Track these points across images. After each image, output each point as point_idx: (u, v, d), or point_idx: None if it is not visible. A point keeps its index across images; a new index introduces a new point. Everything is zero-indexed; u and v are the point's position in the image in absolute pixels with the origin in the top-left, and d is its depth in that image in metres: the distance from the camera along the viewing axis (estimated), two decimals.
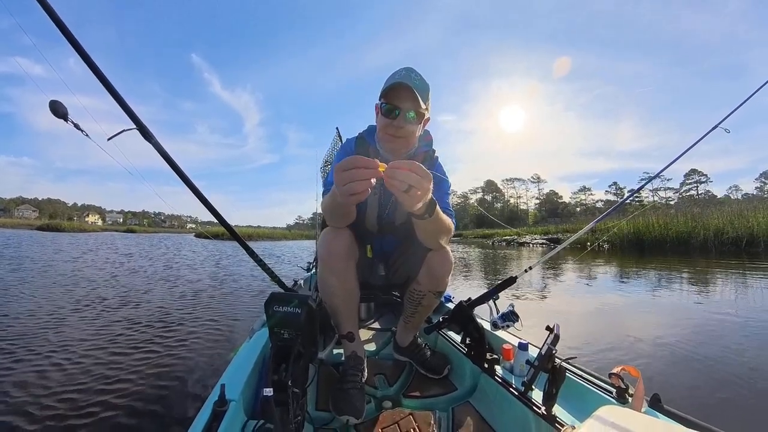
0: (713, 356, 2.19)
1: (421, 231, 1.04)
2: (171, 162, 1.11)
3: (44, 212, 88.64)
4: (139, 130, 1.04)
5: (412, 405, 1.22)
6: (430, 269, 1.20)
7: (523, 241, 19.16)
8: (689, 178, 56.57)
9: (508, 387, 1.11)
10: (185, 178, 1.15)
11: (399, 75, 1.09)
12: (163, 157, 1.10)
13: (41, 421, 1.57)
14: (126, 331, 2.86)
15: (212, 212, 1.23)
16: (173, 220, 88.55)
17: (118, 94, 0.98)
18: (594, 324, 3.09)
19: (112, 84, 0.97)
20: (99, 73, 0.94)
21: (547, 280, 5.71)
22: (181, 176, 1.14)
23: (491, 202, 70.85)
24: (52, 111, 0.90)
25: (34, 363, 2.18)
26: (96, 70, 0.94)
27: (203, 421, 0.80)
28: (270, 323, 0.81)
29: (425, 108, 1.11)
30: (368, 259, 1.36)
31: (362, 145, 1.25)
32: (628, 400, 0.90)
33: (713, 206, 13.14)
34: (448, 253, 1.19)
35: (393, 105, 1.08)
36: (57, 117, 0.90)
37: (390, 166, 0.74)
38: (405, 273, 1.36)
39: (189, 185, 1.16)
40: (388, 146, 1.17)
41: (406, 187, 0.73)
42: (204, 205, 1.22)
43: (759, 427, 1.50)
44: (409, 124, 1.10)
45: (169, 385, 1.93)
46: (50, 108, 0.90)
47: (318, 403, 1.21)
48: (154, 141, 1.07)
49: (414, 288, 1.28)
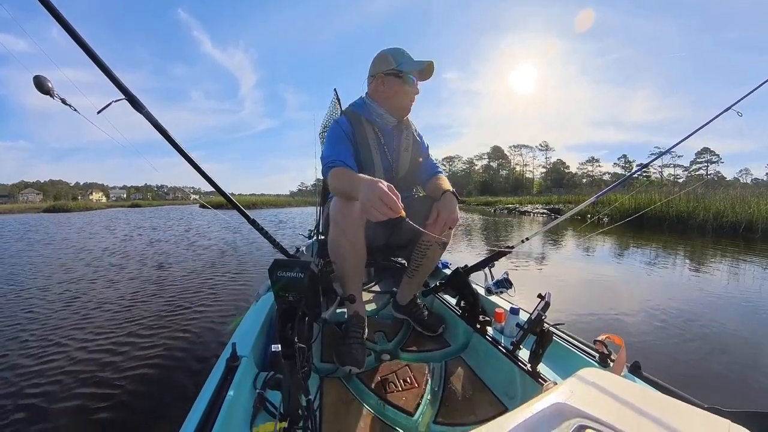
0: (697, 332, 2.30)
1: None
2: (163, 131, 1.10)
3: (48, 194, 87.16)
4: (129, 100, 1.02)
5: (408, 358, 1.31)
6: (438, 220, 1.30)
7: (525, 210, 19.20)
8: (701, 157, 55.27)
9: (498, 345, 1.19)
10: (178, 148, 1.14)
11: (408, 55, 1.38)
12: (155, 126, 1.08)
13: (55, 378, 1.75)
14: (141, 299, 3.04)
15: (209, 181, 1.24)
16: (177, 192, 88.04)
17: (103, 63, 0.96)
18: (586, 293, 3.21)
19: (96, 53, 0.94)
20: (81, 41, 0.91)
21: (544, 249, 5.81)
22: (174, 145, 1.14)
23: (497, 169, 70.02)
24: (36, 86, 0.87)
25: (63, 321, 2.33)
26: (78, 39, 0.91)
27: (218, 374, 0.86)
28: (275, 288, 0.85)
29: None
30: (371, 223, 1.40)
31: (356, 120, 1.41)
32: (610, 365, 0.96)
33: (720, 188, 12.96)
34: (454, 202, 1.32)
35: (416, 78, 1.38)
36: (42, 93, 0.88)
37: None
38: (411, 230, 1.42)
39: (183, 154, 1.16)
40: (408, 108, 1.43)
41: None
42: (200, 175, 1.23)
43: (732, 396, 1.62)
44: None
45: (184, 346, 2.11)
46: (35, 83, 0.87)
47: (323, 356, 1.29)
48: (144, 111, 1.05)
49: (422, 239, 1.39)
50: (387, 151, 1.44)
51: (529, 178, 67.46)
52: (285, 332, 0.83)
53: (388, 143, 1.45)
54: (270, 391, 0.88)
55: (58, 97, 0.90)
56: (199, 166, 1.21)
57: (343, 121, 1.41)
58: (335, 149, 1.33)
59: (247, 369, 0.92)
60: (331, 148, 1.34)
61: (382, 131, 1.44)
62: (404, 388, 1.11)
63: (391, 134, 1.46)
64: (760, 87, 1.37)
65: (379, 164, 1.41)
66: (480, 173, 70.10)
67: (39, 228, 11.41)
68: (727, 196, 10.10)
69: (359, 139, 1.39)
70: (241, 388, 0.86)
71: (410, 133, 1.51)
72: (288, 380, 0.78)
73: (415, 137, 1.53)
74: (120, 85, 1.00)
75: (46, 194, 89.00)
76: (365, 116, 1.42)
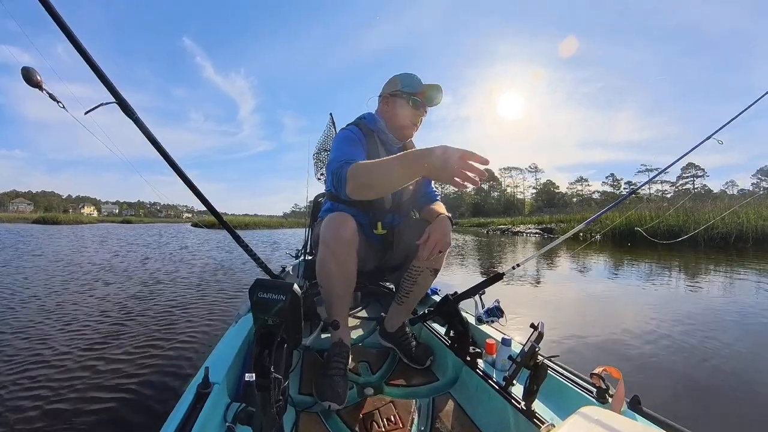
0: (697, 356, 2.21)
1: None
2: (153, 140, 1.07)
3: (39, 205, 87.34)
4: (119, 104, 0.99)
5: (393, 393, 1.22)
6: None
7: (517, 231, 19.27)
8: (686, 172, 56.77)
9: (489, 380, 1.11)
10: (169, 158, 1.11)
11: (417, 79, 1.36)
12: (145, 134, 1.06)
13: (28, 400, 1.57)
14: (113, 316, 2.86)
15: (200, 198, 1.21)
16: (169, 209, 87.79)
17: (95, 63, 0.93)
18: (580, 318, 3.11)
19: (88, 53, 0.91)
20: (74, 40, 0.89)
21: (536, 270, 5.75)
22: (166, 157, 1.10)
23: (488, 191, 70.88)
24: (24, 79, 0.85)
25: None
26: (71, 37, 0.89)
27: (187, 402, 0.80)
28: (254, 309, 0.79)
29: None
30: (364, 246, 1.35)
31: (368, 132, 1.39)
32: (608, 401, 0.90)
33: (708, 201, 13.20)
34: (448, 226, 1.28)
35: (424, 101, 1.37)
36: (31, 85, 0.85)
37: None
38: (404, 251, 1.42)
39: (173, 166, 1.12)
40: (408, 132, 1.42)
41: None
42: (192, 191, 1.19)
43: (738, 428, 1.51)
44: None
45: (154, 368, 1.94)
46: (23, 75, 0.85)
47: (301, 387, 1.21)
48: (135, 117, 1.02)
49: (413, 264, 1.35)
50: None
51: (520, 199, 68.35)
52: (262, 359, 0.77)
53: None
54: (240, 426, 0.80)
55: (46, 91, 0.87)
56: (190, 180, 1.16)
57: (356, 130, 1.35)
58: (349, 150, 1.22)
59: (218, 398, 0.85)
60: (344, 149, 1.23)
61: (389, 151, 1.42)
62: (388, 428, 1.03)
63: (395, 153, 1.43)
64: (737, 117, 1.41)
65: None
66: (472, 195, 70.87)
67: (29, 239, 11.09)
68: (715, 208, 10.27)
69: (370, 151, 1.34)
70: (210, 420, 0.79)
71: None
72: (260, 416, 0.73)
73: None
74: (111, 87, 0.96)
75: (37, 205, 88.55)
76: (376, 132, 1.41)
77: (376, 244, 1.45)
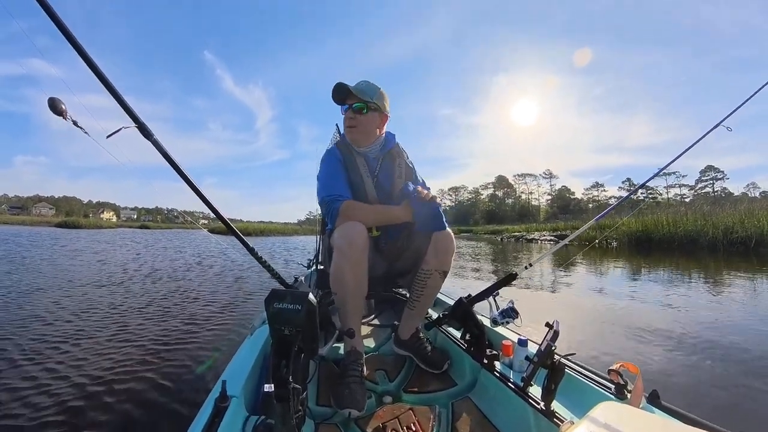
0: (715, 355, 2.15)
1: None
2: (169, 158, 1.12)
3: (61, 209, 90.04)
4: (139, 128, 1.05)
5: (412, 400, 1.22)
6: (436, 249, 1.33)
7: (532, 238, 19.01)
8: (705, 175, 55.29)
9: (507, 382, 1.11)
10: (184, 176, 1.15)
11: (334, 87, 1.41)
12: (162, 154, 1.11)
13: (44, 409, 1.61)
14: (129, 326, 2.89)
15: (212, 209, 1.23)
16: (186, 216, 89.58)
17: (118, 93, 0.99)
18: (595, 320, 3.06)
19: (113, 85, 0.98)
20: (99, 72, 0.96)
21: (551, 276, 5.66)
22: (180, 173, 1.15)
23: (502, 198, 70.23)
24: (50, 108, 0.90)
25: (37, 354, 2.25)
26: (96, 70, 0.95)
27: (205, 416, 0.80)
28: (270, 320, 0.80)
29: (374, 102, 1.41)
30: (372, 252, 1.40)
31: (346, 149, 1.49)
32: (627, 396, 0.89)
33: (728, 204, 12.78)
34: (450, 234, 1.35)
35: (341, 103, 1.45)
36: (55, 114, 0.91)
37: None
38: (412, 256, 1.45)
39: (188, 182, 1.16)
40: (350, 137, 1.47)
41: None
42: (203, 202, 1.21)
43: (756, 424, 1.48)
44: (360, 115, 1.42)
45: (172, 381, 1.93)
46: (49, 105, 0.90)
47: (319, 398, 1.21)
48: (153, 139, 1.08)
49: (422, 268, 1.38)
50: (379, 178, 1.49)
51: (535, 206, 67.45)
52: (279, 370, 0.77)
53: (381, 170, 1.50)
54: None
55: (70, 119, 0.92)
56: (201, 193, 1.20)
57: (336, 152, 1.49)
58: (332, 183, 1.39)
59: (236, 411, 0.85)
60: (328, 183, 1.40)
61: (367, 159, 1.50)
62: None
63: (376, 162, 1.51)
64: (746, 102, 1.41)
65: (371, 190, 1.46)
66: (486, 202, 70.36)
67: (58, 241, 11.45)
68: (734, 211, 9.93)
69: (350, 166, 1.45)
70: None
71: (402, 161, 1.56)
72: (280, 428, 0.72)
73: (407, 165, 1.58)
74: (131, 113, 1.03)
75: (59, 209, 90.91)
76: (349, 145, 1.50)
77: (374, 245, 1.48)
